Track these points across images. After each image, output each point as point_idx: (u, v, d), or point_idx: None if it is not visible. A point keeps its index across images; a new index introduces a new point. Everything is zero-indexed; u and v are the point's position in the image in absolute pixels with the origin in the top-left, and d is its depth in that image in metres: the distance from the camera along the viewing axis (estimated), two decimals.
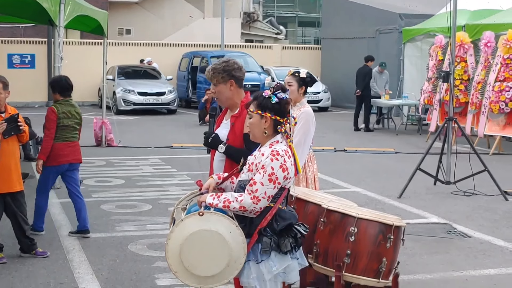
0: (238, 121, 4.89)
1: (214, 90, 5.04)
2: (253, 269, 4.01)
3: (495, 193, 10.32)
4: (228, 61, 5.02)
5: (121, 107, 23.46)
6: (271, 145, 4.09)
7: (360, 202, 8.51)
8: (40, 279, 6.42)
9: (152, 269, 6.76)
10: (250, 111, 4.17)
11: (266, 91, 4.17)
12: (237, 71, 4.98)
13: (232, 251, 3.94)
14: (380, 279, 4.59)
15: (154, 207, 9.37)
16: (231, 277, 4.01)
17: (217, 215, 3.98)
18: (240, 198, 3.99)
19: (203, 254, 3.95)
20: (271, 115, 4.10)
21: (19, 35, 28.49)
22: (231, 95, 4.98)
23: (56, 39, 10.55)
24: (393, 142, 16.82)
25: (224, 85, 4.95)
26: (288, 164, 4.03)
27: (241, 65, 5.07)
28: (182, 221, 3.98)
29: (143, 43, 29.06)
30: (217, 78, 4.96)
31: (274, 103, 4.11)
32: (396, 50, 22.57)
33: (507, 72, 14.82)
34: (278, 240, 4.01)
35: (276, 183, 3.98)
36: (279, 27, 38.59)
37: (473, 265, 7.06)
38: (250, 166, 4.09)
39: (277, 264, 4.01)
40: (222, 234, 3.94)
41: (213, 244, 3.94)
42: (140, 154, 14.36)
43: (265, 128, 4.11)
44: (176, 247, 3.96)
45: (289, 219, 4.08)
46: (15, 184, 6.92)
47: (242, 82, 5.03)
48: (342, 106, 26.80)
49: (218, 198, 4.05)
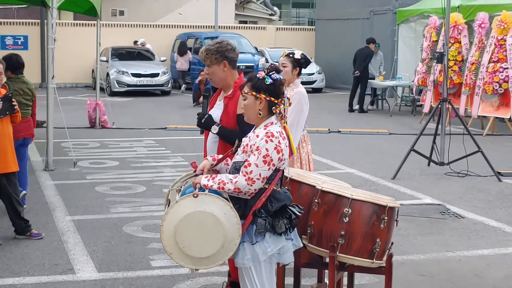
0: (231, 102, 4.89)
1: (208, 71, 5.03)
2: (248, 250, 4.02)
3: (488, 174, 10.36)
4: (222, 42, 5.03)
5: (115, 89, 23.40)
6: (265, 127, 4.09)
7: (354, 183, 8.53)
8: (35, 260, 6.44)
9: (146, 250, 6.78)
10: (244, 93, 4.16)
11: (260, 72, 4.16)
12: (230, 52, 4.98)
13: (227, 232, 3.95)
14: (374, 260, 4.61)
15: (149, 188, 9.38)
16: (226, 258, 4.02)
17: (211, 196, 3.98)
18: (235, 180, 3.99)
19: (198, 236, 3.95)
20: (266, 96, 4.10)
21: (12, 16, 28.35)
22: (225, 76, 4.99)
23: (49, 21, 10.49)
24: (387, 123, 16.84)
25: (217, 66, 4.97)
26: (282, 146, 4.03)
27: (234, 46, 5.07)
28: (176, 203, 3.98)
29: (137, 24, 28.92)
30: (211, 59, 4.97)
31: (269, 84, 4.11)
32: (390, 31, 22.53)
33: (501, 53, 14.82)
34: (272, 222, 4.02)
35: (270, 164, 3.99)
36: (273, 8, 38.42)
37: (466, 246, 7.10)
38: (245, 148, 4.09)
39: (272, 245, 4.02)
40: (217, 215, 3.94)
41: (207, 225, 3.94)
42: (134, 135, 14.35)
43: (259, 110, 4.11)
44: (171, 229, 3.96)
45: (284, 200, 4.09)
46: (11, 165, 6.93)
47: (235, 63, 5.03)
48: (336, 87, 26.77)
49: (213, 180, 4.05)
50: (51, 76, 10.51)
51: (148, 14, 31.98)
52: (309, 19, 44.95)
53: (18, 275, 6.08)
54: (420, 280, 6.12)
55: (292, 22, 46.11)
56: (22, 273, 6.13)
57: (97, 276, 6.08)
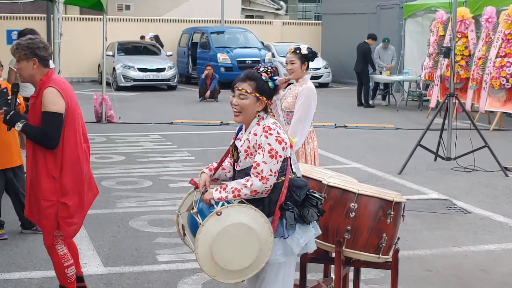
0: (37, 100, 4.88)
1: (17, 66, 4.99)
2: (279, 245, 4.00)
3: (495, 169, 10.33)
4: (34, 39, 4.96)
5: (121, 83, 23.41)
6: (258, 123, 4.06)
7: (360, 178, 8.52)
8: (41, 255, 6.44)
9: (153, 245, 6.78)
10: (245, 91, 4.07)
11: (263, 74, 4.09)
12: (41, 50, 4.92)
13: (260, 235, 3.91)
14: (380, 255, 4.60)
15: (155, 183, 9.39)
16: (266, 259, 3.96)
17: (233, 207, 3.93)
18: (249, 183, 3.94)
19: (235, 249, 3.91)
20: (266, 99, 4.07)
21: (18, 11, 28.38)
22: (34, 74, 4.93)
23: (55, 15, 10.52)
24: (394, 118, 16.81)
25: (26, 62, 4.90)
26: (282, 135, 4.01)
27: (47, 45, 4.99)
28: (203, 226, 3.89)
29: (143, 19, 28.92)
30: (19, 54, 4.91)
31: (271, 89, 4.08)
32: (397, 26, 22.48)
33: (508, 47, 14.76)
34: (300, 212, 4.02)
35: (277, 157, 3.97)
36: (279, 3, 38.40)
37: (472, 241, 7.08)
38: (247, 151, 4.04)
39: (304, 236, 4.02)
40: (246, 222, 3.90)
41: (240, 236, 3.90)
42: (140, 130, 14.35)
43: (258, 111, 4.08)
44: (207, 252, 3.90)
45: (305, 186, 4.09)
46: (16, 159, 6.94)
47: (46, 62, 4.96)
48: (343, 82, 26.74)
49: (225, 190, 3.98)
50: (57, 70, 10.52)
51: (154, 8, 31.99)
52: (315, 13, 44.90)
53: (24, 269, 6.10)
54: (427, 275, 6.11)
55: (299, 16, 46.06)
56: (29, 267, 6.14)
57: (103, 270, 6.09)
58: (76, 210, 4.97)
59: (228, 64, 24.43)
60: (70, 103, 4.90)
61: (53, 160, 4.87)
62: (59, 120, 4.81)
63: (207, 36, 25.79)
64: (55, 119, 4.80)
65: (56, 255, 5.05)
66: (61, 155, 4.87)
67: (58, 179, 4.88)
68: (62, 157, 4.87)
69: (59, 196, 4.90)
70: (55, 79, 4.94)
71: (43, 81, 4.89)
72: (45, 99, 4.81)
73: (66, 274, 5.06)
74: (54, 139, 4.81)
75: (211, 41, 25.49)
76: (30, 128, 4.86)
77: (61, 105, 4.83)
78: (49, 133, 4.78)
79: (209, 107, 18.85)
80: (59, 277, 5.12)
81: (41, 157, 4.87)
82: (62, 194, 4.90)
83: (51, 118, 4.79)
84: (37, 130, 4.82)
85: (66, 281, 5.08)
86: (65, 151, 4.88)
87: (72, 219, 4.98)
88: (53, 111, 4.80)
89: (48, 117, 4.79)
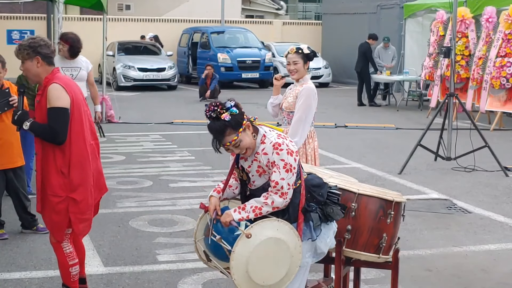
0: (42, 98, 4.90)
1: (22, 67, 5.01)
2: (308, 247, 4.08)
3: (495, 169, 10.33)
4: (35, 38, 5.01)
5: (121, 83, 23.41)
6: (263, 142, 4.04)
7: (360, 178, 8.52)
8: (42, 255, 6.45)
9: (153, 245, 6.78)
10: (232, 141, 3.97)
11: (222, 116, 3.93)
12: (43, 48, 4.94)
13: (289, 243, 3.98)
14: (381, 255, 4.60)
15: (155, 183, 9.39)
16: (299, 262, 4.05)
17: (256, 225, 3.96)
18: (269, 201, 3.99)
19: (269, 264, 3.98)
20: (245, 121, 4.02)
21: (18, 10, 28.38)
22: (39, 72, 4.95)
23: (56, 15, 10.53)
24: (394, 118, 16.81)
25: (30, 61, 4.93)
26: (290, 145, 4.02)
27: (48, 42, 5.02)
28: (234, 253, 3.92)
29: (143, 18, 28.91)
30: (22, 54, 4.95)
31: (237, 113, 3.98)
32: (397, 26, 22.48)
33: (508, 47, 14.76)
34: (323, 211, 4.08)
35: (292, 170, 3.99)
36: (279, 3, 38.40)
37: (473, 241, 7.08)
38: (259, 170, 4.07)
39: (330, 235, 4.13)
40: (273, 236, 3.96)
41: (271, 250, 3.96)
42: (140, 130, 14.36)
43: (252, 133, 4.06)
44: (244, 276, 3.96)
45: (323, 183, 4.14)
46: (17, 159, 6.94)
47: (50, 60, 4.98)
48: (343, 82, 26.73)
49: (245, 210, 4.02)
50: None
51: (155, 8, 31.98)
52: (315, 13, 44.87)
53: (25, 269, 6.09)
54: (427, 275, 6.11)
55: (299, 16, 46.05)
56: (29, 267, 6.14)
57: (103, 270, 6.09)
58: (86, 206, 4.98)
59: (228, 64, 24.43)
60: (75, 98, 4.90)
61: (62, 155, 4.87)
62: (65, 115, 4.82)
63: (207, 36, 25.79)
64: (60, 114, 4.81)
65: (61, 252, 5.06)
66: (69, 151, 4.88)
67: (67, 174, 4.89)
68: (70, 153, 4.88)
69: (68, 191, 4.90)
70: (60, 76, 4.96)
71: (48, 79, 4.91)
72: (50, 95, 4.81)
73: (70, 272, 5.06)
74: (61, 134, 4.81)
75: (211, 41, 25.49)
76: (37, 126, 4.86)
77: (66, 100, 4.84)
78: (56, 129, 4.79)
79: None
80: (62, 275, 5.12)
81: (50, 153, 4.88)
82: (71, 190, 4.91)
83: (56, 114, 4.80)
84: (44, 127, 4.83)
85: (69, 280, 5.09)
86: (72, 146, 4.88)
87: (83, 215, 4.99)
88: (58, 106, 4.80)
89: (53, 113, 4.80)
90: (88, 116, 5.09)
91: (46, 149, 4.89)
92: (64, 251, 5.05)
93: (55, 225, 5.00)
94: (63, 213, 4.94)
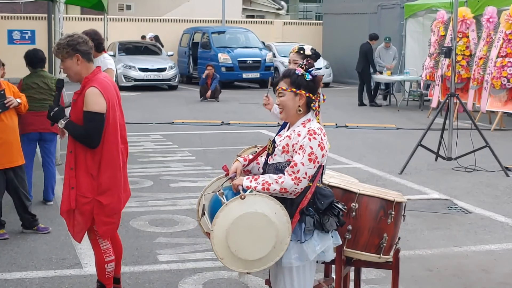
0: (80, 98, 4.88)
1: (62, 66, 4.98)
2: (295, 249, 3.96)
3: (496, 169, 10.33)
4: (73, 36, 4.96)
5: (122, 83, 23.41)
6: (303, 124, 4.03)
7: (361, 178, 8.52)
8: (42, 255, 6.45)
9: (153, 245, 6.78)
10: (282, 89, 4.05)
11: (298, 68, 4.07)
12: (82, 45, 4.91)
13: (278, 231, 3.87)
14: (381, 255, 4.60)
15: (156, 183, 9.39)
16: (277, 258, 3.93)
17: (261, 196, 3.90)
18: (281, 180, 3.92)
19: (250, 237, 3.87)
20: (306, 93, 4.03)
21: (19, 10, 28.39)
22: (79, 70, 4.93)
23: (56, 15, 10.51)
24: (395, 118, 16.81)
25: (70, 60, 4.90)
26: (324, 142, 3.99)
27: (86, 39, 4.98)
28: (226, 206, 3.87)
29: (144, 18, 28.93)
30: (62, 53, 4.91)
31: (309, 81, 4.04)
32: (398, 26, 22.48)
33: (509, 47, 14.76)
34: (320, 219, 3.98)
35: (316, 162, 3.94)
36: (280, 3, 38.41)
37: (473, 241, 7.08)
38: (285, 148, 4.01)
39: (320, 243, 3.97)
40: (268, 215, 3.87)
41: (259, 226, 3.86)
42: (141, 130, 14.35)
43: (299, 106, 4.04)
44: (222, 233, 3.86)
45: (330, 196, 4.04)
46: (17, 158, 6.94)
47: (90, 56, 4.96)
48: (344, 82, 26.74)
49: (256, 181, 3.97)
50: (58, 70, 10.52)
51: (155, 8, 32.00)
52: (316, 13, 44.90)
53: (25, 269, 6.10)
54: (427, 275, 6.11)
55: (300, 16, 46.06)
56: (30, 267, 6.15)
57: None
58: (111, 210, 4.97)
59: (229, 64, 24.44)
60: (111, 103, 4.89)
61: (92, 158, 4.87)
62: (100, 120, 4.81)
63: (208, 36, 25.80)
64: (96, 119, 4.80)
65: (98, 248, 5.04)
66: (100, 154, 4.87)
67: (96, 177, 4.89)
68: (101, 156, 4.88)
69: (96, 194, 4.90)
70: (99, 78, 4.92)
71: (88, 79, 4.88)
72: (87, 99, 4.80)
73: (105, 269, 5.04)
74: (96, 139, 4.81)
75: (212, 41, 25.50)
76: (73, 126, 4.85)
77: (103, 105, 4.82)
78: (91, 133, 4.79)
79: (210, 107, 18.85)
80: (98, 272, 5.11)
81: (81, 154, 4.88)
82: (98, 193, 4.90)
83: (93, 118, 4.79)
84: (79, 129, 4.81)
85: (104, 276, 5.07)
86: (104, 150, 4.88)
87: (108, 218, 4.97)
88: (95, 111, 4.79)
89: (90, 117, 4.78)
90: (120, 120, 5.04)
91: (78, 150, 4.88)
92: (101, 247, 5.04)
93: (78, 225, 4.98)
94: (87, 215, 4.93)
